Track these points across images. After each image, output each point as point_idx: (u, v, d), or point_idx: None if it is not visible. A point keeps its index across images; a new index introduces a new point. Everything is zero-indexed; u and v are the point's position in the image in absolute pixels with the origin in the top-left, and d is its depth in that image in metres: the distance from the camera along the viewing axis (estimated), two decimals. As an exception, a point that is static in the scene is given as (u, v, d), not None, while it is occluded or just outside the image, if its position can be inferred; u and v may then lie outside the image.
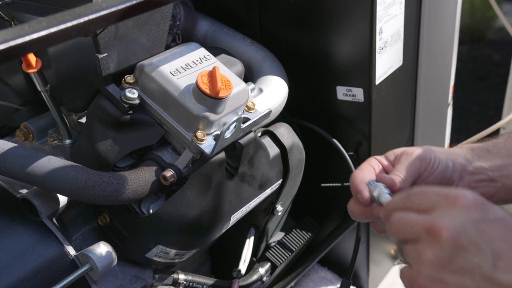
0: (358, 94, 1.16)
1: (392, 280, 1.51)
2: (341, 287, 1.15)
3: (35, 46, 0.59)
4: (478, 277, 0.55)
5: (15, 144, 0.84)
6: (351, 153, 1.22)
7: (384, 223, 0.66)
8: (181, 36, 1.15)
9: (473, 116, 2.90)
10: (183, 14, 1.16)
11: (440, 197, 0.60)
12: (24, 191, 0.91)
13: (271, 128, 1.06)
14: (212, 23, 1.19)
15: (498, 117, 1.74)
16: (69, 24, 0.62)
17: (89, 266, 0.85)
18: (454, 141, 1.36)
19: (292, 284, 1.27)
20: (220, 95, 0.85)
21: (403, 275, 0.62)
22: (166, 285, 1.02)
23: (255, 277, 1.15)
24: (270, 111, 0.96)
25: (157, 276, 1.01)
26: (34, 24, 0.59)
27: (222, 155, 0.90)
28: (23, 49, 0.58)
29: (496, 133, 1.58)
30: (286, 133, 1.05)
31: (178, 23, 1.15)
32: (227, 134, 0.86)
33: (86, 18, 0.64)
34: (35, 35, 0.58)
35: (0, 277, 0.80)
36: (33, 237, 0.86)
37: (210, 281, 1.09)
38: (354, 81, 1.15)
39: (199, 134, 0.86)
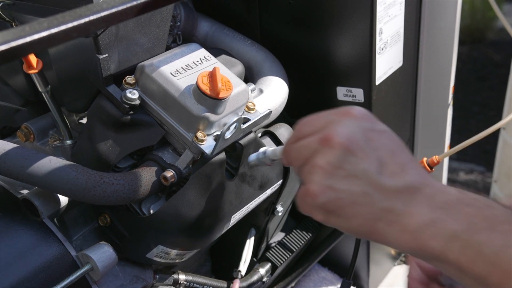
0: (358, 94, 1.16)
1: (392, 281, 1.51)
2: (341, 287, 1.15)
3: (36, 46, 0.59)
4: (365, 182, 0.58)
5: (16, 145, 0.84)
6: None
7: None
8: (182, 37, 1.15)
9: (473, 116, 2.90)
10: (184, 15, 1.16)
11: (331, 114, 0.63)
12: (25, 191, 0.91)
13: (271, 129, 1.06)
14: (212, 24, 1.19)
15: (499, 117, 1.73)
16: (70, 25, 0.62)
17: (90, 266, 0.85)
18: (455, 142, 1.36)
19: (293, 284, 1.27)
20: (221, 95, 0.85)
21: (297, 196, 0.63)
22: (167, 285, 1.02)
23: (255, 277, 1.16)
24: (270, 111, 0.96)
25: (157, 276, 1.01)
26: (35, 25, 0.60)
27: (222, 155, 0.90)
28: (24, 50, 0.58)
29: (496, 133, 1.58)
30: (286, 133, 1.06)
31: (178, 24, 1.15)
32: (228, 135, 0.87)
33: (86, 19, 0.64)
34: (36, 36, 0.58)
35: (0, 277, 0.80)
36: (33, 237, 0.86)
37: (210, 281, 1.09)
38: (354, 81, 1.15)
39: (200, 134, 0.86)
